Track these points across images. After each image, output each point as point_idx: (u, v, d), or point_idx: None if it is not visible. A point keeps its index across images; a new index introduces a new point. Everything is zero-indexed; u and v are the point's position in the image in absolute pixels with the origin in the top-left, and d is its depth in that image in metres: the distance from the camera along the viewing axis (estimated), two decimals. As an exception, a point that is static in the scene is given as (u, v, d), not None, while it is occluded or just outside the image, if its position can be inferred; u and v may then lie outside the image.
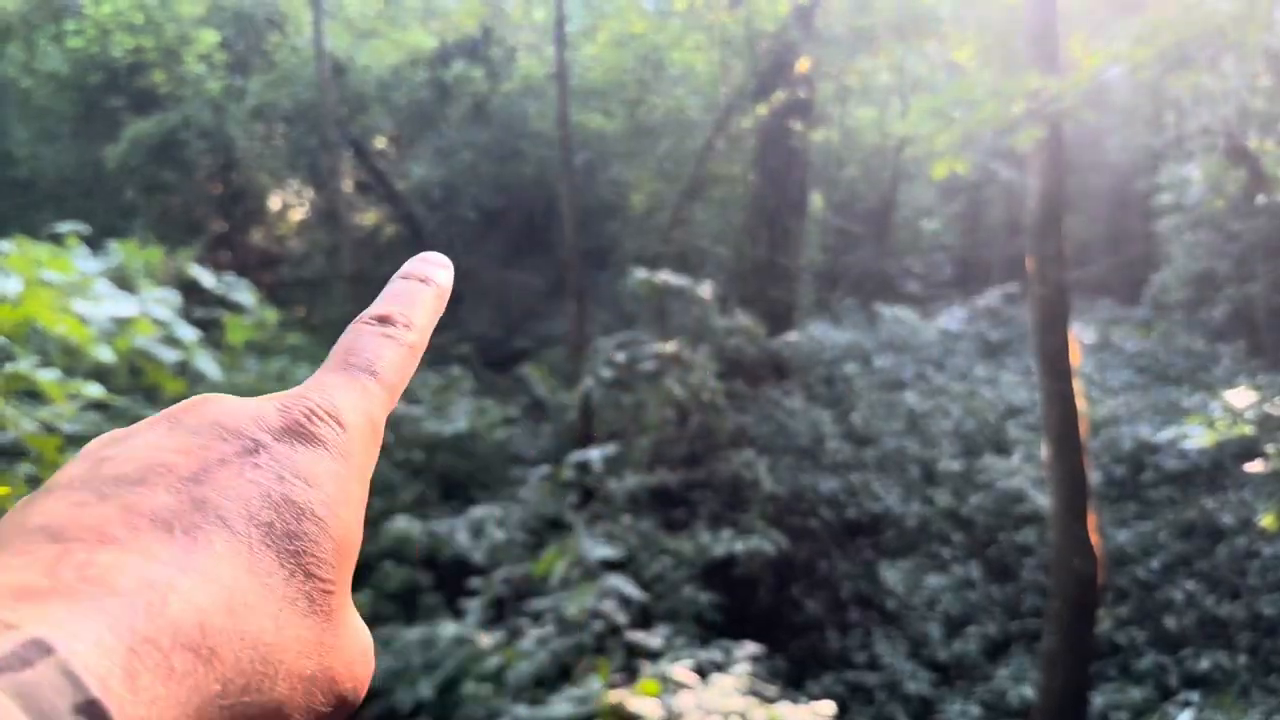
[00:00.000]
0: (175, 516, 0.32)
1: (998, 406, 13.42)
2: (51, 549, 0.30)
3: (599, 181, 15.43)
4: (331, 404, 0.39)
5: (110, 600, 0.28)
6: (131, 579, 0.29)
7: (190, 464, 0.34)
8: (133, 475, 0.34)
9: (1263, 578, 10.08)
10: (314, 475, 0.36)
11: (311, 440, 0.37)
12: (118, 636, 0.28)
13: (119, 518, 0.32)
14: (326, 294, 16.55)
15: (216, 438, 0.36)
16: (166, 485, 0.33)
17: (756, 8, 12.17)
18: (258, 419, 0.37)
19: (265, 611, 0.32)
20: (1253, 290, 13.50)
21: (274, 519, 0.34)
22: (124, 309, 4.44)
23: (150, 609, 0.29)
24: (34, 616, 0.27)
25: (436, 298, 0.48)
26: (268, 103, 14.99)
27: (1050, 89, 6.68)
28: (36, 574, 0.29)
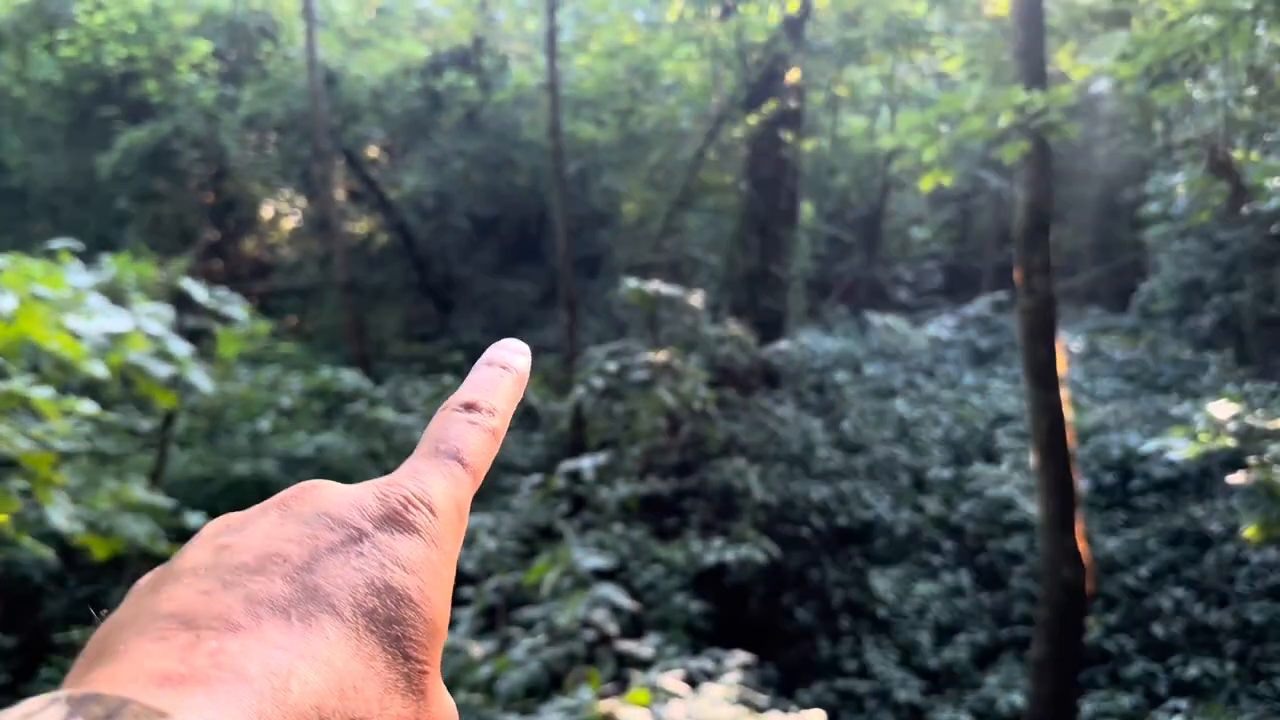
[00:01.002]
0: (291, 604, 0.35)
1: (987, 414, 13.50)
2: (185, 636, 0.33)
3: (591, 191, 15.47)
4: (425, 492, 0.42)
5: (241, 686, 0.31)
6: (257, 665, 0.32)
7: (302, 553, 0.37)
8: (252, 564, 0.37)
9: (1250, 585, 10.14)
10: (411, 562, 0.39)
11: (408, 528, 0.40)
12: None
13: (242, 606, 0.35)
14: (319, 302, 16.58)
15: (325, 527, 0.39)
16: (283, 574, 0.36)
17: (747, 19, 12.23)
18: (360, 508, 0.40)
19: (371, 694, 0.35)
20: (1240, 299, 13.56)
21: (377, 605, 0.37)
22: (117, 324, 4.48)
23: (275, 694, 0.32)
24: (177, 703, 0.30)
25: (516, 383, 0.51)
26: (260, 112, 15.01)
27: (1036, 103, 6.75)
28: (174, 661, 0.32)
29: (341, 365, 12.29)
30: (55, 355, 4.18)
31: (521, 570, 8.38)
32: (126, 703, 0.28)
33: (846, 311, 17.12)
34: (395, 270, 16.90)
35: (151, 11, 14.98)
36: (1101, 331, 16.53)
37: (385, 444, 11.02)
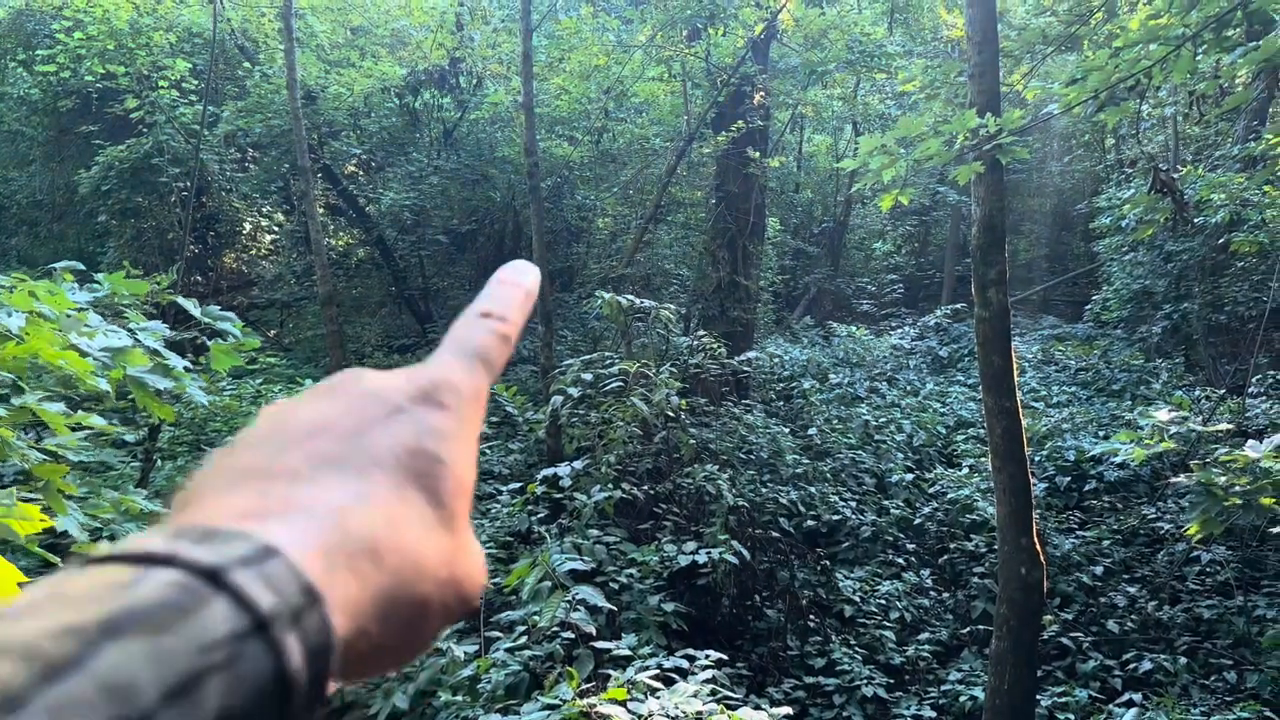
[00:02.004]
0: (345, 459, 0.42)
1: (947, 420, 13.71)
2: (257, 484, 0.40)
3: (565, 206, 15.60)
4: (450, 377, 0.49)
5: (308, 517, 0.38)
6: (320, 504, 0.39)
7: (351, 422, 0.44)
8: (309, 431, 0.44)
9: (1200, 582, 10.37)
10: (441, 430, 0.45)
11: (438, 405, 0.47)
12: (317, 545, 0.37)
13: (303, 462, 0.41)
14: (298, 315, 16.65)
15: (369, 402, 0.46)
16: (335, 438, 0.43)
17: (715, 42, 12.42)
18: (397, 388, 0.47)
19: (413, 529, 0.41)
20: (1189, 308, 13.77)
21: (415, 462, 0.43)
22: (118, 341, 4.70)
23: (338, 525, 0.38)
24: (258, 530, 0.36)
25: (526, 297, 0.57)
26: (240, 129, 15.09)
27: (990, 127, 7.04)
28: (253, 502, 0.39)
29: (322, 377, 12.27)
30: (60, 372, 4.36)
31: (501, 575, 8.48)
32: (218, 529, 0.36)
33: (812, 321, 17.32)
34: (374, 283, 16.99)
35: (131, 30, 14.99)
36: (1056, 340, 16.73)
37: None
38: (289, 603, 0.34)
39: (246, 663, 0.32)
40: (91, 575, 0.33)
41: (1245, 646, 9.56)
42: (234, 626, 0.32)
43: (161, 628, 0.31)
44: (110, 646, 0.30)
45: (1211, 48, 8.29)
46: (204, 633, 0.32)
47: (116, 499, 5.11)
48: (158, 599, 0.32)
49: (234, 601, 0.33)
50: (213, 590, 0.33)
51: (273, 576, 0.35)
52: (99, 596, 0.32)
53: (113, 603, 0.32)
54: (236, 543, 0.35)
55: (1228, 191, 10.75)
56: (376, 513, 0.41)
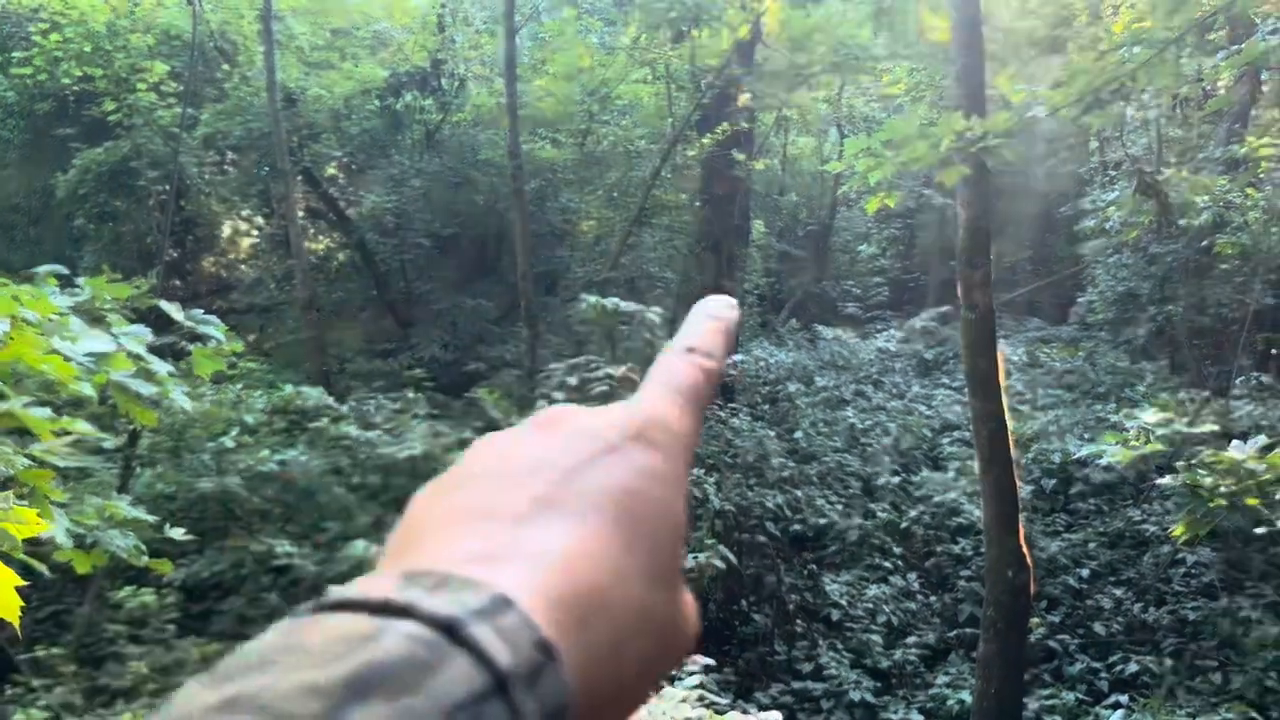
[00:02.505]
0: (564, 502, 0.40)
1: (933, 423, 13.76)
2: (483, 526, 0.39)
3: (549, 209, 15.57)
4: (662, 415, 0.47)
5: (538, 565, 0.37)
6: (547, 549, 0.38)
7: (569, 461, 0.42)
8: (529, 470, 0.42)
9: (1186, 584, 10.43)
10: (656, 472, 0.44)
11: (652, 444, 0.45)
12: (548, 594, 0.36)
13: (527, 503, 0.40)
14: (279, 320, 16.54)
15: (586, 440, 0.44)
16: (555, 478, 0.41)
17: (699, 44, 12.42)
18: (611, 427, 0.45)
19: (637, 578, 0.39)
20: (1173, 310, 13.83)
21: (633, 507, 0.41)
22: (101, 345, 4.63)
23: (566, 574, 0.37)
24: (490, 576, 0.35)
25: (729, 332, 0.55)
26: (219, 132, 14.99)
27: (975, 130, 7.04)
28: (481, 545, 0.38)
29: (303, 382, 12.30)
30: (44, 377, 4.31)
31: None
32: (452, 576, 0.35)
33: (798, 325, 17.36)
34: (355, 287, 16.91)
35: (108, 32, 14.87)
36: (1041, 342, 16.83)
37: (349, 459, 11.07)
38: (526, 660, 0.33)
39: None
40: (330, 625, 0.32)
41: (1230, 648, 9.63)
42: (474, 687, 0.31)
43: (406, 688, 0.30)
44: (357, 709, 0.29)
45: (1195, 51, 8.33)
46: (447, 693, 0.30)
47: (100, 505, 5.04)
48: (401, 655, 0.30)
49: (474, 659, 0.31)
50: (452, 646, 0.31)
51: (509, 631, 0.33)
52: (340, 651, 0.30)
53: (355, 659, 0.30)
54: (470, 592, 0.34)
55: (1211, 194, 10.80)
56: (602, 561, 0.39)
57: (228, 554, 9.79)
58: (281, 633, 0.32)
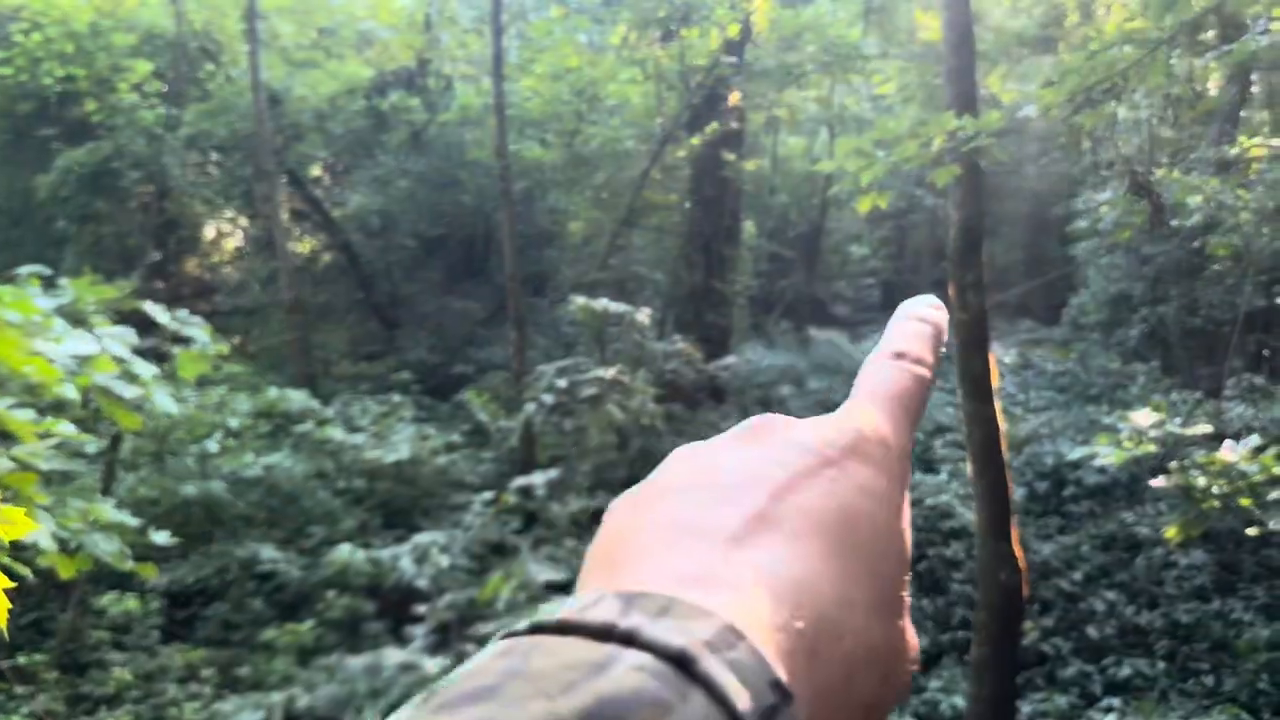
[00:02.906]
0: (781, 520, 0.37)
1: (925, 425, 13.72)
2: (694, 544, 0.36)
3: (537, 210, 15.51)
4: (878, 428, 0.43)
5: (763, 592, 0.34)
6: (769, 573, 0.35)
7: (782, 475, 0.39)
8: (738, 483, 0.39)
9: (1179, 587, 10.41)
10: (875, 492, 0.40)
11: (868, 460, 0.41)
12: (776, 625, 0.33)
13: (738, 519, 0.37)
14: (263, 322, 16.42)
15: (798, 453, 0.40)
16: (768, 493, 0.38)
17: (689, 43, 12.38)
18: (827, 441, 0.41)
19: (863, 609, 0.36)
20: (1165, 312, 13.85)
21: (855, 529, 0.38)
22: (84, 347, 4.54)
23: (793, 602, 0.34)
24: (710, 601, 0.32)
25: (937, 336, 0.50)
26: (203, 132, 14.88)
27: (967, 129, 6.99)
28: (695, 564, 0.35)
29: (288, 385, 12.20)
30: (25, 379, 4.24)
31: (475, 587, 8.39)
32: (675, 600, 0.32)
33: (789, 327, 17.35)
34: (340, 289, 16.80)
35: (90, 31, 14.77)
36: (1034, 344, 16.86)
37: (334, 464, 10.97)
38: (761, 700, 0.30)
39: None
40: (554, 649, 0.30)
41: (1223, 650, 9.63)
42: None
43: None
44: None
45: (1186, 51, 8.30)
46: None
47: (84, 509, 4.96)
48: (633, 690, 0.28)
49: (710, 698, 0.29)
50: (686, 683, 0.29)
51: (743, 667, 0.30)
52: (570, 680, 0.29)
53: (588, 691, 0.28)
54: (697, 621, 0.31)
55: (1203, 194, 10.77)
56: (828, 589, 0.36)
57: (212, 559, 9.70)
58: (500, 653, 0.30)
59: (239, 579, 9.57)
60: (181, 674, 8.53)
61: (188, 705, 7.99)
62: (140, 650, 8.82)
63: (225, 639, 9.13)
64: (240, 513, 10.19)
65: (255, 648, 8.65)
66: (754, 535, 0.37)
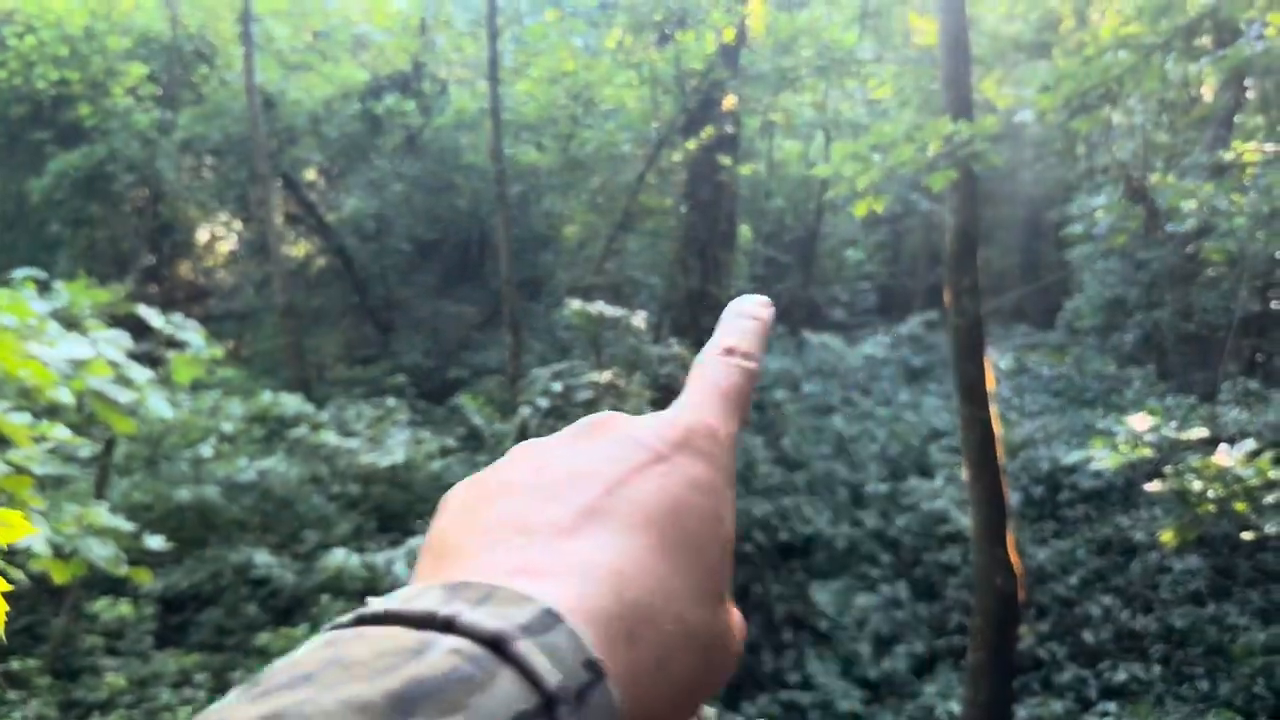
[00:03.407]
0: (610, 514, 0.39)
1: (921, 430, 13.73)
2: (524, 539, 0.38)
3: (532, 214, 15.49)
4: (708, 422, 0.45)
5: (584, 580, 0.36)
6: (593, 563, 0.37)
7: (614, 471, 0.41)
8: (571, 480, 0.41)
9: (1174, 591, 10.42)
10: (704, 484, 0.42)
11: (698, 453, 0.43)
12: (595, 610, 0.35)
13: (569, 515, 0.39)
14: (257, 326, 16.38)
15: (631, 449, 0.43)
16: (600, 488, 0.40)
17: (684, 47, 12.37)
18: (658, 436, 0.44)
19: (683, 596, 0.39)
20: (1160, 316, 13.87)
21: (682, 520, 0.40)
22: (79, 351, 4.52)
23: (613, 589, 0.36)
24: (535, 591, 0.34)
25: (764, 332, 0.54)
26: (197, 136, 14.84)
27: (963, 133, 7.01)
28: (524, 558, 0.37)
29: (282, 389, 12.16)
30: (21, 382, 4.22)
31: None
32: (497, 589, 0.34)
33: (784, 331, 17.33)
34: (335, 293, 16.76)
35: (85, 35, 14.72)
36: (1029, 348, 16.86)
37: (328, 468, 10.94)
38: (574, 678, 0.32)
39: None
40: (373, 638, 0.31)
41: (1218, 654, 9.65)
42: (520, 707, 0.30)
43: (453, 706, 0.29)
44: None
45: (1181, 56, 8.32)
46: (493, 712, 0.30)
47: (79, 514, 4.95)
48: (446, 671, 0.30)
49: (521, 677, 0.31)
50: (498, 662, 0.31)
51: (556, 648, 0.32)
52: (385, 665, 0.30)
53: (401, 674, 0.30)
54: (517, 607, 0.33)
55: (1197, 199, 10.79)
56: (649, 576, 0.38)
57: (206, 564, 9.66)
58: (323, 644, 0.31)
59: (233, 584, 9.53)
60: (175, 679, 8.49)
61: (181, 711, 7.96)
62: (133, 655, 8.78)
63: (219, 644, 9.10)
64: (234, 517, 10.15)
65: (249, 653, 8.62)
66: (583, 528, 0.38)
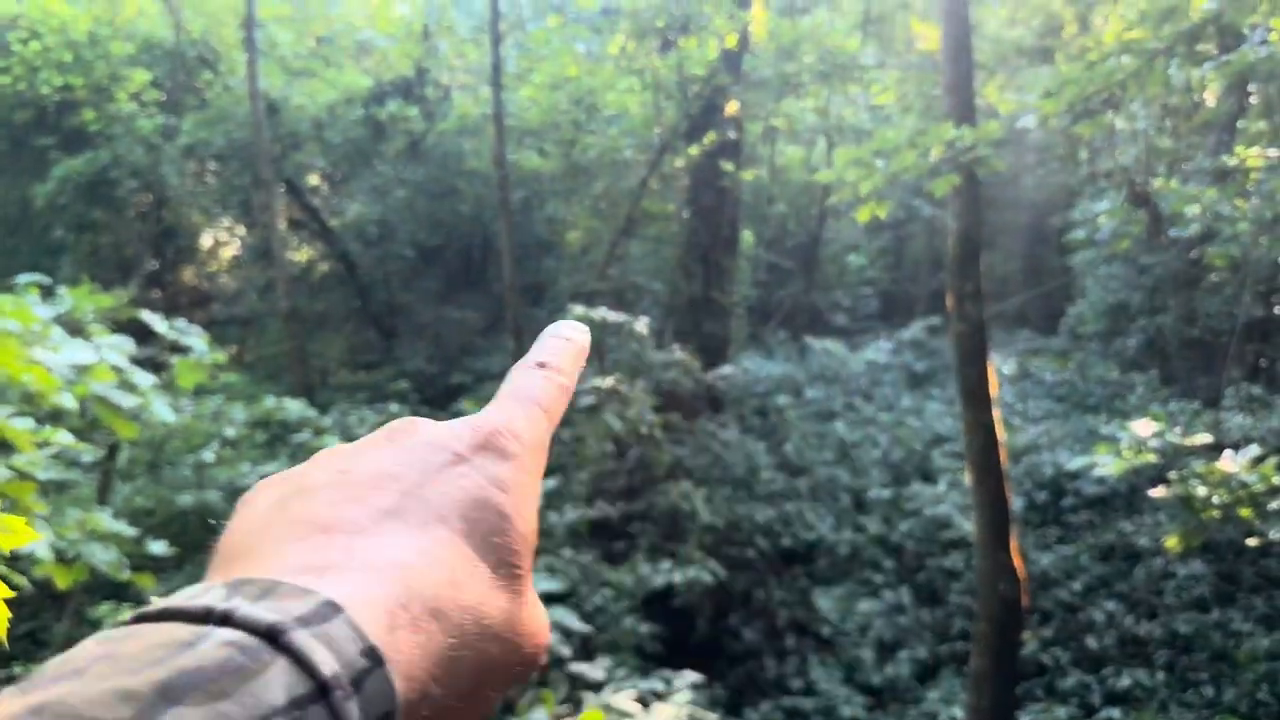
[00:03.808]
0: (407, 513, 0.41)
1: (924, 435, 13.70)
2: (319, 538, 0.39)
3: (535, 219, 15.51)
4: (513, 425, 0.47)
5: (373, 574, 0.37)
6: (383, 560, 0.38)
7: (413, 474, 0.43)
8: (370, 482, 0.42)
9: (1178, 597, 10.40)
10: (505, 482, 0.44)
11: (502, 454, 0.45)
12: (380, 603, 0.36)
13: (367, 515, 0.41)
14: (260, 331, 16.42)
15: (430, 452, 0.44)
16: (399, 490, 0.42)
17: (687, 53, 12.37)
18: (458, 438, 0.45)
19: (477, 588, 0.40)
20: (1164, 322, 13.86)
21: (479, 517, 0.42)
22: (83, 356, 4.53)
23: (401, 582, 0.38)
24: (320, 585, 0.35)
25: (579, 352, 0.56)
26: (200, 141, 14.86)
27: (966, 139, 7.00)
28: (315, 556, 0.38)
29: (285, 394, 12.17)
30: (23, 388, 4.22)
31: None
32: (279, 584, 0.35)
33: (787, 336, 17.32)
34: (337, 298, 16.78)
35: (89, 40, 14.77)
36: (1032, 354, 16.84)
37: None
38: (351, 666, 0.33)
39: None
40: (147, 634, 0.32)
41: (1222, 660, 9.62)
42: (294, 693, 0.31)
43: (220, 694, 0.30)
44: (167, 714, 0.29)
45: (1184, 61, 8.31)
46: (263, 699, 0.30)
47: (81, 519, 4.95)
48: (216, 662, 0.31)
49: (294, 665, 0.32)
50: (272, 652, 0.32)
51: (334, 637, 0.33)
52: (156, 658, 0.30)
53: (170, 665, 0.30)
54: (297, 600, 0.34)
55: (1200, 204, 10.77)
56: (440, 570, 0.39)
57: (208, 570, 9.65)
58: (99, 641, 0.32)
59: (235, 589, 9.52)
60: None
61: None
62: (136, 661, 8.77)
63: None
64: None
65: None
66: (379, 527, 0.40)
